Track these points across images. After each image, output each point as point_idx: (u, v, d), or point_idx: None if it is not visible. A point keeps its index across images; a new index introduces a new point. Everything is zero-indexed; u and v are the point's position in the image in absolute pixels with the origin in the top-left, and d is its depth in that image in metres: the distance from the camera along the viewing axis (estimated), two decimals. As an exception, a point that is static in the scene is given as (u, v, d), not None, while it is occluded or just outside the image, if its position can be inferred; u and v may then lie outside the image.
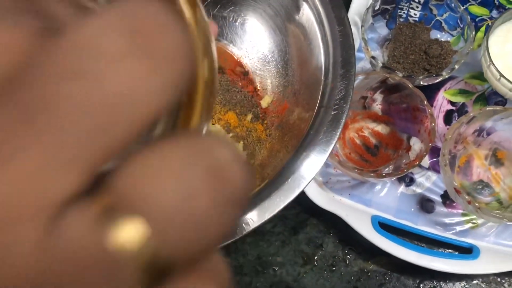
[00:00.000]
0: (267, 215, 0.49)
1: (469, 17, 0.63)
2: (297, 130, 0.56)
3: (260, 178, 0.57)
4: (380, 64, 0.61)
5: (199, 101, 0.17)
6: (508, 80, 0.57)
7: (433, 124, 0.56)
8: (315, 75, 0.57)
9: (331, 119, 0.52)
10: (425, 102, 0.57)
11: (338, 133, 0.51)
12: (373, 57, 0.61)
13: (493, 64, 0.58)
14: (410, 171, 0.57)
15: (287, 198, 0.49)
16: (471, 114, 0.56)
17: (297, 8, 0.60)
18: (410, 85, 0.58)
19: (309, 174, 0.50)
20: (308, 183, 0.49)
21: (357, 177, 0.58)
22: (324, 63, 0.56)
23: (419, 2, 0.68)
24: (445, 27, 0.67)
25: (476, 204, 0.52)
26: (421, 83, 0.61)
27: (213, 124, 0.61)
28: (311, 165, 0.50)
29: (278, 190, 0.49)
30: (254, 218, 0.48)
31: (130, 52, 0.13)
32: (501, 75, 0.58)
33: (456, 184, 0.53)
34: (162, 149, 0.13)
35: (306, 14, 0.59)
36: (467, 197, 0.53)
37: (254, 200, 0.50)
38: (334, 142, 0.51)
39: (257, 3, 0.65)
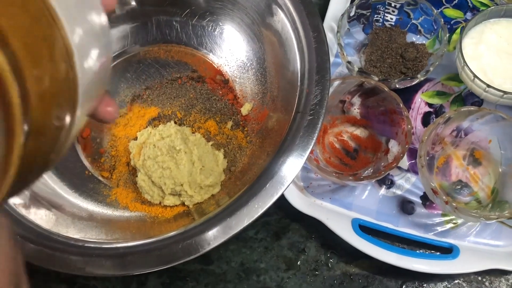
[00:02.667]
0: (246, 221, 0.49)
1: (442, 20, 0.64)
2: (276, 135, 0.56)
3: (241, 184, 0.57)
4: (356, 69, 0.62)
5: None
6: (482, 81, 0.58)
7: (409, 126, 0.57)
8: (292, 81, 0.57)
9: (307, 124, 0.52)
10: (401, 105, 0.58)
11: (314, 138, 0.52)
12: (349, 62, 0.62)
13: (467, 66, 0.59)
14: (388, 173, 0.57)
15: (265, 204, 0.50)
16: (447, 115, 0.57)
17: (273, 16, 0.61)
18: (386, 89, 0.59)
19: (287, 179, 0.50)
20: (286, 189, 0.50)
21: (336, 181, 0.59)
22: (300, 69, 0.56)
23: (394, 7, 0.69)
24: (421, 30, 0.67)
25: (454, 204, 0.53)
26: (397, 86, 0.62)
27: (193, 132, 0.61)
28: (289, 171, 0.50)
29: (256, 196, 0.50)
30: (232, 225, 0.49)
31: None
32: (475, 76, 0.58)
33: (433, 185, 0.54)
34: None
35: (281, 22, 0.60)
36: (444, 197, 0.53)
37: (233, 207, 0.50)
38: (311, 147, 0.51)
39: (235, 12, 0.65)
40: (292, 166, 0.50)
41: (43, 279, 0.60)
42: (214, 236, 0.48)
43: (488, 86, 0.58)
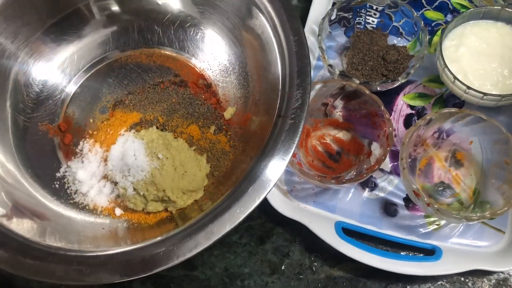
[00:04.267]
0: (228, 227, 0.49)
1: (422, 22, 0.64)
2: (258, 139, 0.56)
3: (224, 189, 0.57)
4: (338, 72, 0.62)
5: None
6: (462, 83, 0.58)
7: (390, 128, 0.57)
8: (273, 85, 0.57)
9: (289, 128, 0.52)
10: (382, 108, 0.58)
11: (296, 141, 0.51)
12: (330, 65, 0.62)
13: (448, 68, 0.59)
14: (370, 176, 0.57)
15: (247, 208, 0.49)
16: (428, 117, 0.57)
17: (254, 20, 0.60)
18: (367, 92, 0.59)
19: (269, 183, 0.50)
20: (268, 193, 0.50)
21: (319, 185, 0.59)
22: (281, 73, 0.56)
23: (376, 9, 0.69)
24: (403, 32, 0.68)
25: (436, 206, 0.53)
26: (378, 88, 0.62)
27: (175, 137, 0.61)
28: (271, 175, 0.50)
29: (238, 201, 0.50)
30: (214, 231, 0.48)
31: None
32: (456, 78, 0.59)
33: (415, 187, 0.54)
34: None
35: (262, 26, 0.60)
36: (426, 199, 0.53)
37: (215, 212, 0.50)
38: (292, 150, 0.51)
39: (216, 16, 0.65)
40: (274, 170, 0.50)
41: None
42: (196, 242, 0.48)
43: (469, 88, 0.58)
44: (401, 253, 0.59)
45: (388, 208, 0.60)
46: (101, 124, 0.65)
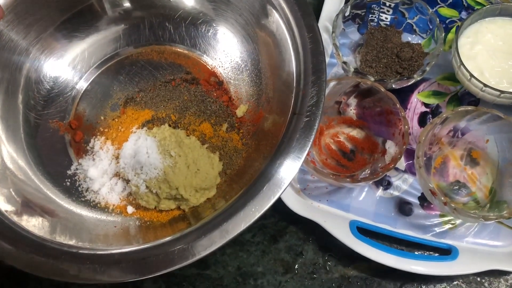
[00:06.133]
0: (243, 225, 0.48)
1: (438, 19, 0.63)
2: (272, 137, 0.56)
3: (237, 187, 0.56)
4: (352, 69, 0.61)
5: None
6: (479, 80, 0.58)
7: (406, 126, 0.56)
8: (287, 82, 0.57)
9: (304, 126, 0.52)
10: (398, 105, 0.57)
11: (311, 140, 0.51)
12: (344, 63, 0.62)
13: (464, 65, 0.59)
14: (385, 174, 0.57)
15: (262, 207, 0.49)
16: (444, 115, 0.57)
17: (268, 17, 0.60)
18: (382, 89, 0.58)
19: (284, 182, 0.49)
20: (283, 192, 0.49)
21: (333, 183, 0.58)
22: (296, 70, 0.56)
23: (389, 6, 0.68)
24: (417, 29, 0.67)
25: (452, 205, 0.52)
26: (393, 86, 0.61)
27: (188, 135, 0.61)
28: (286, 173, 0.49)
29: (253, 199, 0.49)
30: (229, 229, 0.48)
31: None
32: (472, 75, 0.58)
33: (431, 186, 0.53)
34: None
35: (276, 22, 0.59)
36: (443, 198, 0.53)
37: (229, 210, 0.49)
38: (308, 149, 0.50)
39: (228, 13, 0.65)
40: (289, 168, 0.50)
41: (35, 286, 0.59)
42: (211, 241, 0.47)
43: (485, 85, 0.57)
44: (416, 252, 0.58)
45: (402, 207, 0.59)
46: (112, 121, 0.64)
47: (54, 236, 0.51)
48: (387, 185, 0.61)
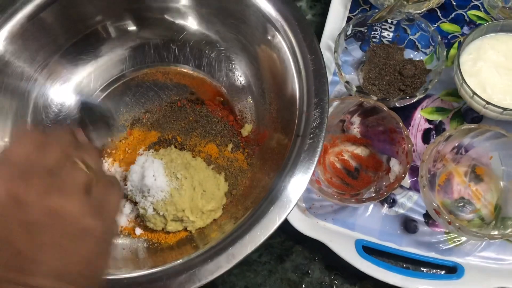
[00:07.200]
0: (249, 249, 0.49)
1: (439, 36, 0.63)
2: (277, 158, 0.56)
3: (243, 208, 0.57)
4: (355, 88, 0.62)
5: None
6: (481, 98, 0.58)
7: (409, 145, 0.56)
8: (290, 103, 0.57)
9: (308, 148, 0.52)
10: (401, 124, 0.57)
11: (315, 162, 0.51)
12: (347, 82, 0.62)
13: (466, 83, 0.59)
14: (390, 193, 0.57)
15: (268, 230, 0.49)
16: (447, 133, 0.57)
17: (270, 38, 0.61)
18: (385, 108, 0.58)
19: (289, 205, 0.50)
20: (288, 214, 0.50)
21: (338, 203, 0.59)
22: (299, 92, 0.56)
23: (391, 23, 0.69)
24: (419, 45, 0.67)
25: (457, 224, 0.53)
26: (396, 104, 0.62)
27: (193, 157, 0.61)
28: (291, 195, 0.50)
29: (258, 223, 0.50)
30: (235, 253, 0.48)
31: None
32: (474, 93, 0.58)
33: (435, 205, 0.54)
34: None
35: (278, 44, 0.60)
36: (447, 217, 0.53)
37: (235, 233, 0.50)
38: (312, 171, 0.51)
39: (232, 35, 0.65)
40: (294, 190, 0.50)
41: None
42: (217, 266, 0.48)
43: (488, 103, 0.57)
44: (423, 270, 0.58)
45: (408, 225, 0.60)
46: (119, 143, 0.65)
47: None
48: (392, 202, 0.61)
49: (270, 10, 0.60)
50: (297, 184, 0.50)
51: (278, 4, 0.60)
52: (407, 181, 0.62)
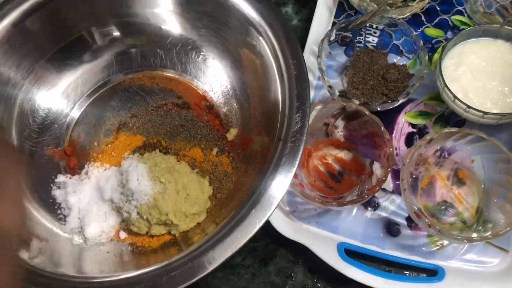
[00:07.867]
0: (229, 252, 0.49)
1: (421, 41, 0.64)
2: (259, 161, 0.57)
3: (226, 211, 0.57)
4: (337, 93, 0.62)
5: None
6: (462, 102, 0.58)
7: (391, 149, 0.57)
8: (274, 107, 0.58)
9: (289, 152, 0.53)
10: (382, 128, 0.58)
11: (296, 165, 0.52)
12: (330, 87, 0.63)
13: (447, 87, 0.59)
14: (371, 197, 0.57)
15: (248, 233, 0.50)
16: (428, 136, 0.57)
17: (254, 43, 0.61)
18: (367, 112, 0.59)
19: (269, 208, 0.50)
20: (268, 217, 0.50)
21: (320, 206, 0.59)
22: (281, 96, 0.57)
23: (376, 28, 0.69)
24: (403, 50, 0.68)
25: (437, 227, 0.53)
26: (378, 108, 0.62)
27: (178, 161, 0.62)
28: (271, 199, 0.50)
29: (239, 226, 0.50)
30: (215, 256, 0.49)
31: None
32: (455, 97, 0.59)
33: (416, 208, 0.54)
34: None
35: (262, 49, 0.60)
36: (427, 220, 0.53)
37: (216, 236, 0.50)
38: (292, 174, 0.51)
39: (216, 40, 0.66)
40: (275, 194, 0.51)
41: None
42: (198, 269, 0.48)
43: (469, 107, 0.58)
44: (405, 273, 0.59)
45: (391, 228, 0.60)
46: (106, 147, 0.66)
47: (46, 266, 0.52)
48: (376, 206, 0.62)
49: (253, 15, 0.60)
50: (278, 187, 0.51)
51: (261, 9, 0.60)
52: (390, 185, 0.62)
